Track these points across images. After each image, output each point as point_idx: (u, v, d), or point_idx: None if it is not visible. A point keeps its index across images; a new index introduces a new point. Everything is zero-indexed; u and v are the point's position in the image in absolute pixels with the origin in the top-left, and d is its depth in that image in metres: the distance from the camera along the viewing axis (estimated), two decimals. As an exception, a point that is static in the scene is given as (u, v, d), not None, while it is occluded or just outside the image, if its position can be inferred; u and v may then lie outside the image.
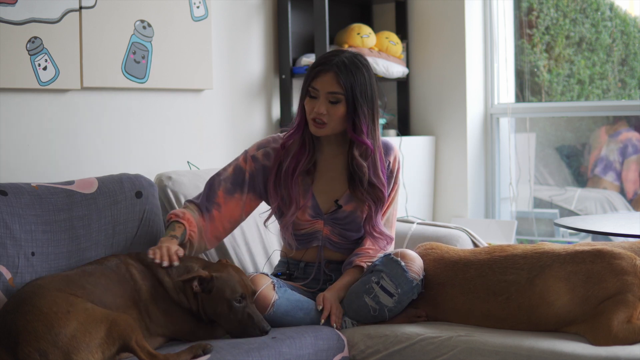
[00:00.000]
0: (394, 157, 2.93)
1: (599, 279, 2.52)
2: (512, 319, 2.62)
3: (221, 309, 2.55)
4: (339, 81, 2.73)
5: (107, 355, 2.25)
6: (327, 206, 2.87)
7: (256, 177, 2.86)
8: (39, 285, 2.37)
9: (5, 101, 3.02)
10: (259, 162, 2.87)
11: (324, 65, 2.76)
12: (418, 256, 2.77)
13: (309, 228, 2.87)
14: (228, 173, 2.87)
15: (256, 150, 2.89)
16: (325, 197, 2.87)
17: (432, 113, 4.54)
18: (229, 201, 2.84)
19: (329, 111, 2.75)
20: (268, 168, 2.86)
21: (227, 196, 2.84)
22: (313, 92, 2.76)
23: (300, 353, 2.54)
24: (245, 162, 2.87)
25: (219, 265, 2.63)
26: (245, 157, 2.89)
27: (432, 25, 4.49)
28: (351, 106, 2.74)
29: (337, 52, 2.82)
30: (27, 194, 2.68)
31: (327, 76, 2.74)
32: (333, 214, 2.86)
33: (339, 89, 2.73)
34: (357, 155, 2.79)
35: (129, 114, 3.43)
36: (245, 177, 2.86)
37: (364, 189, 2.81)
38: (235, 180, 2.86)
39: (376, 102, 2.81)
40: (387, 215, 2.93)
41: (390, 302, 2.71)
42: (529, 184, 4.59)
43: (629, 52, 4.59)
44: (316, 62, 2.81)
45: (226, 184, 2.85)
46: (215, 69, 3.74)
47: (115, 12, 3.30)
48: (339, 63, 2.74)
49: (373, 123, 2.80)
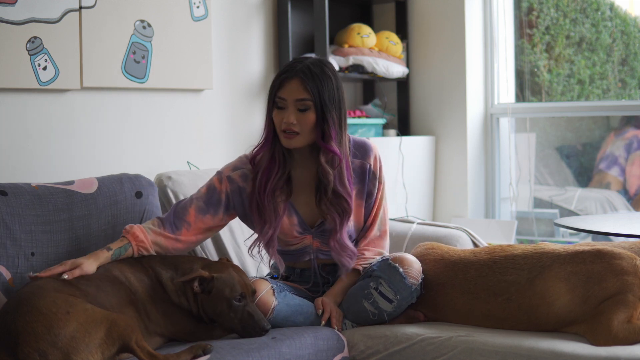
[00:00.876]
0: (374, 157, 2.84)
1: (599, 279, 2.52)
2: (512, 319, 2.62)
3: (221, 309, 2.54)
4: (306, 87, 2.64)
5: (106, 356, 2.24)
6: (313, 220, 2.81)
7: (232, 198, 2.76)
8: (38, 286, 2.37)
9: (5, 101, 3.02)
10: (235, 183, 2.76)
11: (288, 72, 2.67)
12: (416, 260, 2.75)
13: (299, 244, 2.82)
14: (201, 193, 2.77)
15: (232, 172, 2.78)
16: (309, 211, 2.80)
17: (432, 113, 4.54)
18: (199, 220, 2.74)
19: (299, 120, 2.66)
20: (246, 190, 2.76)
21: (198, 215, 2.73)
22: (280, 102, 2.67)
23: (300, 353, 2.53)
24: (220, 183, 2.77)
25: (219, 265, 2.62)
26: (220, 177, 2.77)
27: (432, 25, 4.49)
28: (320, 112, 2.66)
29: (300, 59, 2.73)
30: (27, 194, 2.68)
31: (293, 83, 2.65)
32: (320, 227, 2.80)
33: (307, 95, 2.65)
34: (323, 162, 2.69)
35: (129, 114, 3.43)
36: (221, 198, 2.75)
37: (328, 199, 2.72)
38: (209, 200, 2.75)
39: (344, 106, 2.72)
40: (380, 216, 2.87)
41: (390, 307, 2.71)
42: (529, 184, 4.59)
43: (629, 52, 4.59)
44: (280, 71, 2.71)
45: (199, 203, 2.74)
46: (215, 69, 3.74)
47: (115, 12, 3.30)
48: (303, 69, 2.66)
49: (341, 129, 2.71)
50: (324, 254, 2.84)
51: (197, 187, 3.22)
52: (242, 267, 3.16)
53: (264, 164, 2.73)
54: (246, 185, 2.76)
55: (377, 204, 2.86)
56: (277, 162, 2.73)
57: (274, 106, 2.70)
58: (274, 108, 2.70)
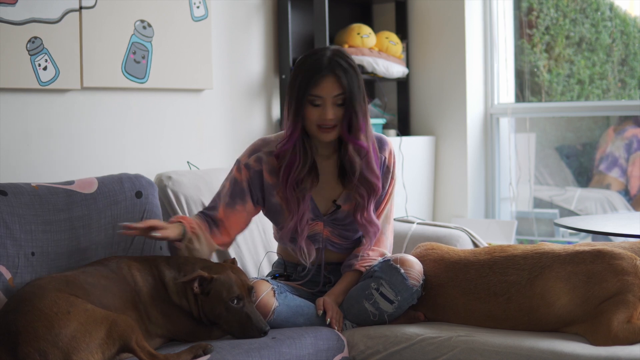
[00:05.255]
0: (389, 152, 2.87)
1: (599, 279, 2.52)
2: (513, 319, 2.62)
3: (219, 310, 2.54)
4: (340, 83, 2.67)
5: (107, 356, 2.24)
6: (326, 207, 2.84)
7: (252, 183, 2.81)
8: (39, 286, 2.37)
9: (5, 101, 3.02)
10: (252, 169, 2.80)
11: (319, 70, 2.68)
12: (417, 261, 2.75)
13: (309, 230, 2.84)
14: (226, 188, 2.83)
15: (248, 158, 2.82)
16: (323, 199, 2.84)
17: (432, 113, 4.54)
18: (230, 214, 2.80)
19: (335, 114, 2.70)
20: (262, 173, 2.80)
21: (227, 210, 2.79)
22: (317, 100, 2.69)
23: (300, 353, 2.53)
24: (240, 172, 2.81)
25: (218, 267, 2.62)
26: (239, 167, 2.82)
27: (432, 25, 4.49)
28: (350, 105, 2.70)
29: (320, 52, 2.74)
30: (27, 194, 2.68)
31: (328, 81, 2.67)
32: (332, 215, 2.84)
33: (342, 90, 2.68)
34: (351, 151, 2.73)
35: (129, 114, 3.43)
36: (244, 187, 2.80)
37: (357, 181, 2.76)
38: (234, 192, 2.80)
39: (366, 95, 2.77)
40: (385, 212, 2.89)
41: (390, 308, 2.71)
42: (529, 184, 4.59)
43: (629, 52, 4.59)
44: (308, 69, 2.70)
45: (225, 199, 2.80)
46: (215, 69, 3.74)
47: (115, 12, 3.30)
48: (333, 64, 2.68)
49: (366, 118, 2.76)
50: (332, 245, 2.86)
51: (197, 187, 3.23)
52: (242, 267, 3.16)
53: (287, 159, 2.75)
54: (262, 169, 2.79)
55: (386, 198, 2.88)
56: (299, 154, 2.75)
57: (306, 104, 2.70)
58: (306, 105, 2.70)
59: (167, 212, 3.16)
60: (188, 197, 3.20)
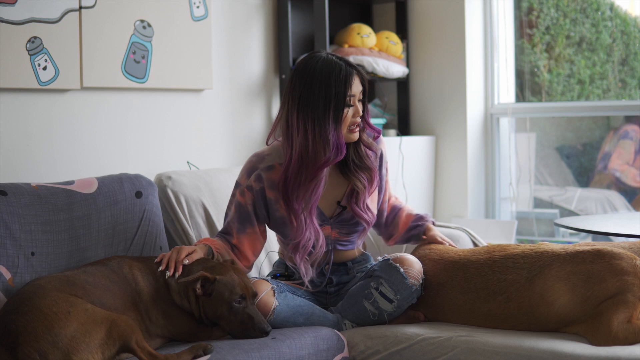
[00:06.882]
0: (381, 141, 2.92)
1: (599, 279, 2.52)
2: (512, 319, 2.62)
3: (221, 311, 2.54)
4: (362, 78, 2.73)
5: (107, 356, 2.24)
6: (331, 210, 2.84)
7: (257, 204, 2.79)
8: (39, 286, 2.37)
9: (5, 101, 3.02)
10: (254, 189, 2.77)
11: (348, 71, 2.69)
12: (417, 260, 2.76)
13: None
14: (232, 213, 2.81)
15: (247, 179, 2.78)
16: (327, 202, 2.83)
17: (432, 113, 4.54)
18: (243, 240, 2.79)
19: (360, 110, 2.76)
20: (264, 190, 2.77)
21: (240, 235, 2.79)
22: (350, 100, 2.71)
23: (300, 353, 2.54)
24: (244, 196, 2.79)
25: (221, 268, 2.62)
26: (241, 190, 2.79)
27: (432, 25, 4.49)
28: (365, 97, 2.76)
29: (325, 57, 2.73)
30: (27, 194, 2.68)
31: (357, 79, 2.72)
32: (338, 217, 2.83)
33: (363, 85, 2.75)
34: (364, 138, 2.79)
35: (128, 114, 3.43)
36: (249, 211, 2.78)
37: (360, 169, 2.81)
38: (241, 217, 2.79)
39: None
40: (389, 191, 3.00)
41: (390, 308, 2.71)
42: (529, 184, 4.59)
43: (629, 52, 4.59)
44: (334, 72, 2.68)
45: (235, 225, 2.80)
46: (215, 69, 3.74)
47: (115, 12, 3.30)
48: (348, 63, 2.72)
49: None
50: (341, 244, 2.86)
51: (197, 187, 3.23)
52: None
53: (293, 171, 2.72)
54: (264, 185, 2.77)
55: (387, 184, 2.97)
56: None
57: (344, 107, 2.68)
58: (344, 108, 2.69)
59: (167, 212, 3.16)
60: (188, 197, 3.20)
